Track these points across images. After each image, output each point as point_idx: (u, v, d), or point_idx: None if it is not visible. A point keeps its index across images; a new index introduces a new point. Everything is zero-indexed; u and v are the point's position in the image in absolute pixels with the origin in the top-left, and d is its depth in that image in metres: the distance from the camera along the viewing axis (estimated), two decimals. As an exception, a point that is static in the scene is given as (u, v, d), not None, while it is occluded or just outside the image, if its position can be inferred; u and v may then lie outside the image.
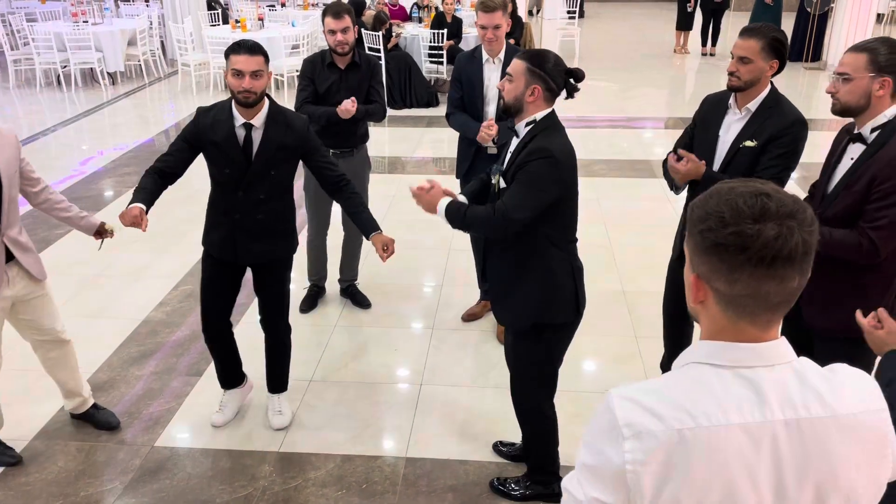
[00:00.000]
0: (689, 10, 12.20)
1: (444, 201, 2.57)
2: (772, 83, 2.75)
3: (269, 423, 3.40)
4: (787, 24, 11.88)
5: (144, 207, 2.85)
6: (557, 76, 2.49)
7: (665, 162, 2.93)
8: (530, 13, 13.04)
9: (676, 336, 3.30)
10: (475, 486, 3.04)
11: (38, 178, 3.10)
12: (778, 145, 2.65)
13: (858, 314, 1.92)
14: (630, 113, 8.90)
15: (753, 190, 1.07)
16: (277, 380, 3.44)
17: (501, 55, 3.68)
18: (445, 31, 9.21)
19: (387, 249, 2.99)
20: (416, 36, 9.61)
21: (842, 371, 1.15)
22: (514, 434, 3.19)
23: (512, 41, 5.93)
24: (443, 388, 3.69)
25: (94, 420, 3.38)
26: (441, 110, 9.16)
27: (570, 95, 2.54)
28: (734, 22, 12.66)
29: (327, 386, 3.73)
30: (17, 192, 2.96)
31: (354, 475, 3.11)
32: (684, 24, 12.33)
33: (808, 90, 10.18)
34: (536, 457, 2.96)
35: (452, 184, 4.13)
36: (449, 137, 8.04)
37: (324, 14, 3.91)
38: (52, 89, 10.26)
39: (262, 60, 2.84)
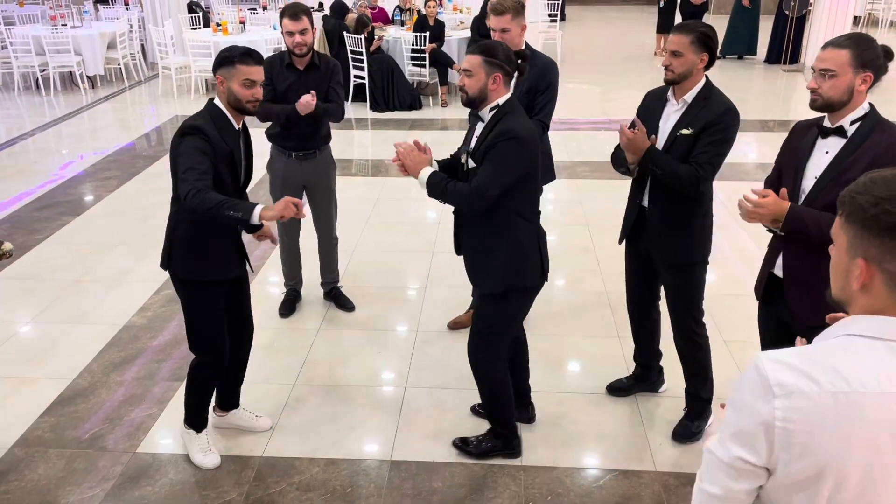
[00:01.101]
0: (660, 5, 12.27)
1: (428, 170, 2.82)
2: (706, 77, 2.94)
3: (253, 430, 3.38)
4: (766, 27, 12.01)
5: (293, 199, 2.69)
6: (509, 61, 2.76)
7: (614, 154, 3.14)
8: (512, 16, 13.10)
9: (645, 324, 3.49)
10: (461, 488, 3.04)
11: None
12: (711, 133, 2.83)
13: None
14: (612, 115, 8.94)
15: None
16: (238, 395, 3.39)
17: None
18: (428, 34, 9.22)
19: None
20: (399, 39, 9.61)
21: None
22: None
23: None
24: (428, 391, 3.69)
25: None
26: (424, 113, 9.17)
27: (521, 74, 2.85)
28: (713, 24, 12.73)
29: (311, 390, 3.71)
30: None
31: (339, 479, 3.10)
32: (665, 27, 12.42)
33: (786, 92, 10.28)
34: (491, 413, 3.20)
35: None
36: (432, 140, 8.03)
37: (281, 15, 3.88)
38: (30, 93, 10.15)
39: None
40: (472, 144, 2.83)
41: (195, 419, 3.17)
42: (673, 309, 3.19)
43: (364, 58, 9.12)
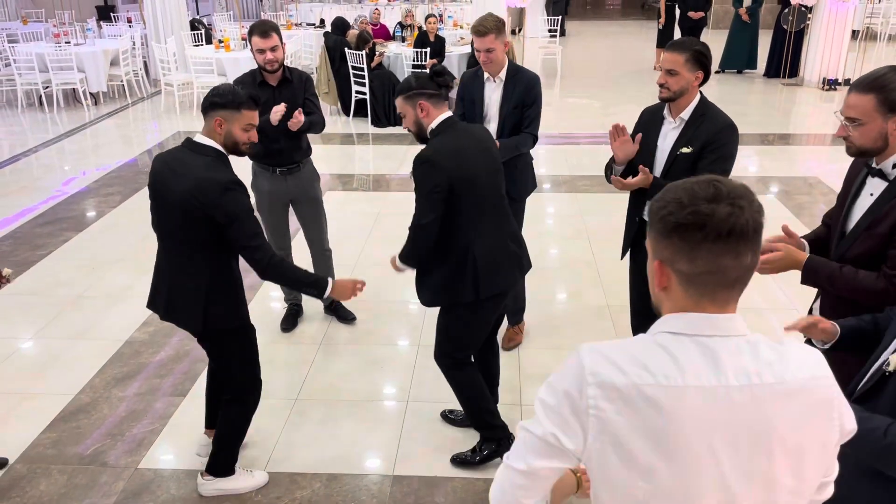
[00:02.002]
0: (660, 27, 12.36)
1: (397, 256, 2.95)
2: (701, 93, 2.94)
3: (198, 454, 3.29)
4: (765, 42, 12.08)
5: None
6: (428, 84, 2.81)
7: (608, 168, 3.19)
8: (513, 32, 13.16)
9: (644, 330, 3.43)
10: (463, 502, 3.03)
11: None
12: (712, 150, 2.83)
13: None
14: (612, 129, 8.97)
15: (706, 178, 1.21)
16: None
17: (503, 74, 3.71)
18: (429, 49, 9.28)
19: None
20: (400, 54, 9.67)
21: (790, 344, 1.26)
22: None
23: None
24: (430, 405, 3.68)
25: None
26: (425, 128, 9.19)
27: (448, 89, 2.85)
28: (712, 39, 12.82)
29: (313, 405, 3.71)
30: None
31: (341, 494, 3.09)
32: (664, 42, 12.49)
33: (786, 105, 10.32)
34: (471, 418, 3.22)
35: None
36: (433, 155, 8.08)
37: (250, 34, 3.90)
38: (33, 110, 10.21)
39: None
40: None
41: (230, 462, 3.07)
42: None
43: (365, 73, 9.17)
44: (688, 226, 1.17)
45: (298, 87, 4.02)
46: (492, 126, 3.77)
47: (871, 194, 2.25)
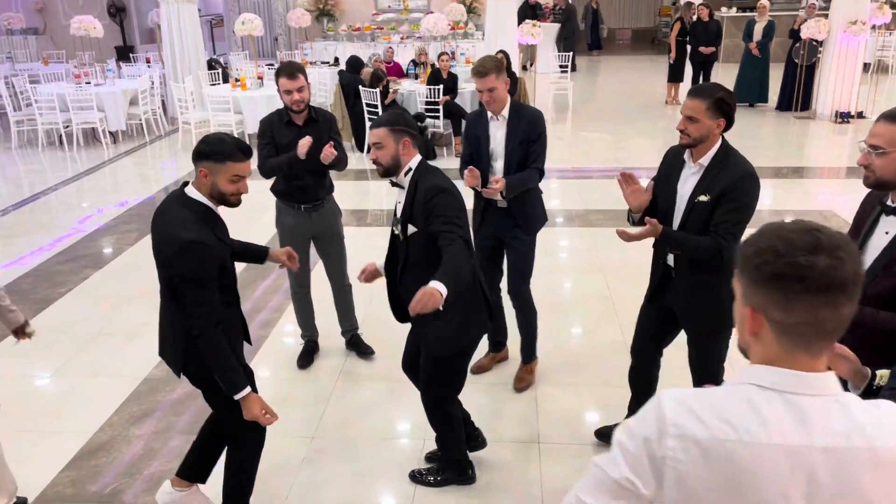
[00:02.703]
0: (671, 62, 12.46)
1: (437, 283, 2.55)
2: (723, 138, 2.86)
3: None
4: (776, 75, 12.14)
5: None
6: (414, 125, 2.92)
7: (628, 216, 3.19)
8: (524, 68, 13.32)
9: (643, 377, 3.44)
10: (481, 543, 3.00)
11: None
12: (728, 199, 2.76)
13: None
14: (624, 163, 9.02)
15: (804, 226, 1.17)
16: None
17: (505, 112, 3.75)
18: (441, 86, 9.40)
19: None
20: (413, 92, 9.80)
21: (885, 406, 1.20)
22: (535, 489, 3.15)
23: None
24: (446, 443, 3.66)
25: None
26: (438, 163, 9.26)
27: (422, 136, 2.91)
28: (723, 73, 12.94)
29: (330, 442, 3.70)
30: None
31: (358, 534, 3.07)
32: (675, 76, 12.59)
33: (799, 138, 10.34)
34: (451, 451, 3.31)
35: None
36: (447, 190, 8.14)
37: (277, 75, 3.98)
38: (54, 149, 10.40)
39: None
40: (399, 213, 2.97)
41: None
42: (695, 369, 3.17)
43: (379, 110, 9.29)
44: (785, 277, 1.14)
45: (324, 127, 4.11)
46: (498, 163, 3.80)
47: (887, 232, 2.24)
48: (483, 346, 4.36)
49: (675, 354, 3.35)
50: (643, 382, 3.42)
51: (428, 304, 2.49)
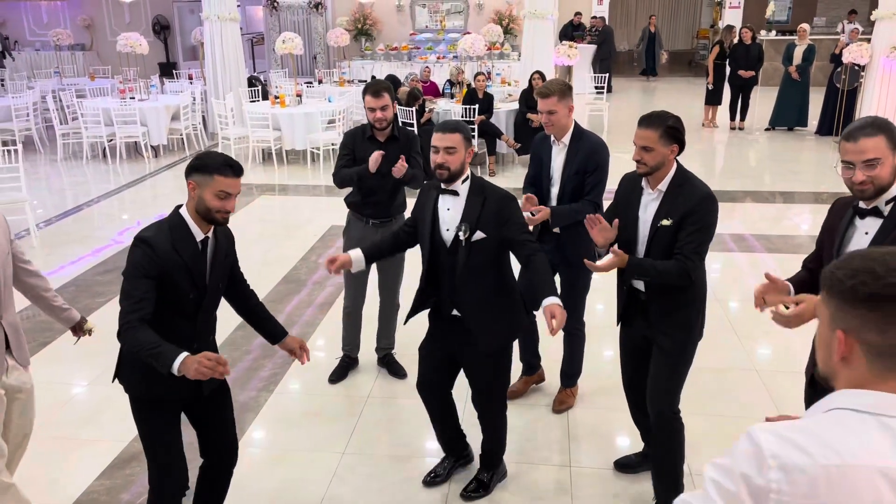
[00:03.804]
0: (709, 87, 12.36)
1: (554, 299, 2.88)
2: (677, 162, 2.91)
3: None
4: (816, 100, 11.99)
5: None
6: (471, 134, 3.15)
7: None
8: (559, 88, 13.36)
9: (643, 409, 3.25)
10: (510, 566, 2.97)
11: (29, 260, 3.09)
12: (691, 221, 2.81)
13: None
14: (660, 186, 8.94)
15: (893, 251, 1.21)
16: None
17: (566, 139, 3.70)
18: (477, 106, 9.45)
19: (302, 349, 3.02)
20: (449, 111, 9.87)
21: None
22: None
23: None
24: (477, 462, 3.64)
25: None
26: (472, 183, 9.30)
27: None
28: (762, 96, 12.81)
29: (360, 459, 3.70)
30: (11, 274, 2.90)
31: (387, 552, 3.06)
32: (713, 99, 12.49)
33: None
34: (503, 446, 3.47)
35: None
36: (480, 209, 8.14)
37: (364, 92, 4.08)
38: (97, 161, 10.65)
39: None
40: (461, 218, 3.04)
41: None
42: (654, 390, 3.11)
43: (415, 129, 9.36)
44: (884, 297, 1.16)
45: (404, 145, 4.18)
46: (554, 189, 3.77)
47: (867, 233, 2.39)
48: (516, 371, 4.34)
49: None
50: (645, 415, 3.28)
51: (564, 321, 2.80)
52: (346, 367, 4.51)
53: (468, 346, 3.16)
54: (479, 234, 3.01)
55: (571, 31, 16.14)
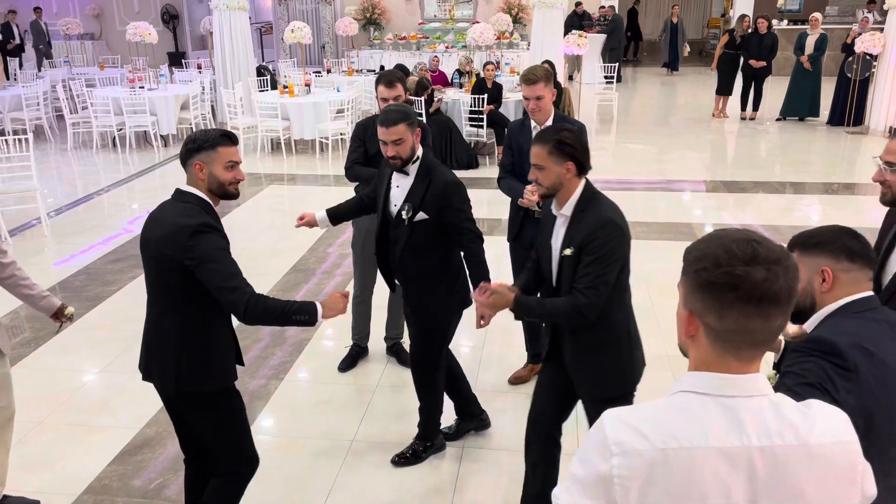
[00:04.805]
0: (712, 69, 12.26)
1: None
2: (587, 182, 2.61)
3: None
4: (827, 89, 11.90)
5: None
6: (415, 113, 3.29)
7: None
8: (570, 78, 13.29)
9: (541, 463, 2.94)
10: (518, 553, 2.99)
11: (5, 251, 3.07)
12: (587, 251, 2.50)
13: None
14: (668, 175, 8.92)
15: (745, 236, 1.21)
16: None
17: (549, 123, 3.75)
18: (486, 95, 9.43)
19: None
20: (458, 100, 9.85)
21: (816, 406, 1.26)
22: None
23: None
24: (486, 452, 3.66)
25: None
26: (481, 172, 9.30)
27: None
28: (773, 86, 12.71)
29: (370, 447, 3.72)
30: None
31: (396, 539, 3.08)
32: (723, 88, 12.42)
33: (850, 154, 10.11)
34: (429, 425, 3.61)
35: (503, 246, 4.21)
36: (489, 198, 8.14)
37: (377, 83, 4.07)
38: (107, 150, 10.69)
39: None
40: (405, 198, 3.21)
41: None
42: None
43: (424, 119, 9.35)
44: (720, 285, 1.18)
45: None
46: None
47: None
48: (521, 358, 4.36)
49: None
50: (538, 460, 2.92)
51: (489, 313, 2.77)
52: (355, 355, 4.53)
53: (407, 319, 3.42)
54: (421, 215, 3.17)
55: (578, 21, 16.05)
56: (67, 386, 4.31)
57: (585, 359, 2.69)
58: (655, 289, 5.49)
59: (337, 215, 3.58)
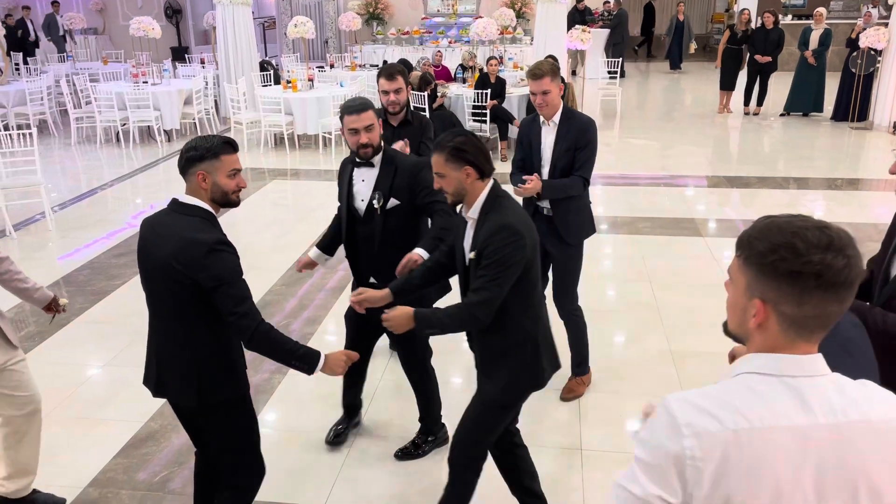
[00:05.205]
0: (717, 68, 12.24)
1: (420, 250, 3.03)
2: (494, 185, 2.60)
3: None
4: (832, 85, 11.87)
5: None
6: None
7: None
8: (573, 73, 13.27)
9: (508, 463, 3.05)
10: (521, 547, 3.00)
11: None
12: (485, 255, 2.49)
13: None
14: (672, 171, 8.91)
15: (814, 223, 1.22)
16: None
17: (556, 118, 3.74)
18: (489, 90, 9.42)
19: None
20: (461, 96, 9.85)
21: (871, 385, 1.29)
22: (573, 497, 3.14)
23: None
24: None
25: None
26: (484, 168, 9.30)
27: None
28: (778, 81, 12.67)
29: (372, 441, 3.74)
30: None
31: (399, 532, 3.10)
32: (726, 84, 12.38)
33: (854, 150, 10.08)
34: (429, 417, 3.66)
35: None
36: (492, 194, 8.14)
37: (378, 76, 4.09)
38: (111, 145, 10.71)
39: None
40: (373, 187, 3.22)
41: None
42: (458, 435, 2.88)
43: (427, 114, 9.34)
44: (804, 275, 1.19)
45: (417, 131, 4.19)
46: (545, 169, 3.80)
47: None
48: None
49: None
50: (508, 464, 3.03)
51: (410, 266, 2.90)
52: (358, 350, 4.54)
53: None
54: (393, 202, 3.19)
55: (580, 17, 16.01)
56: (72, 380, 4.33)
57: (490, 364, 2.72)
58: (658, 284, 5.50)
59: (329, 245, 3.57)
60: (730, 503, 1.19)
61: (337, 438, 3.69)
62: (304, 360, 2.50)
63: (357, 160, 3.23)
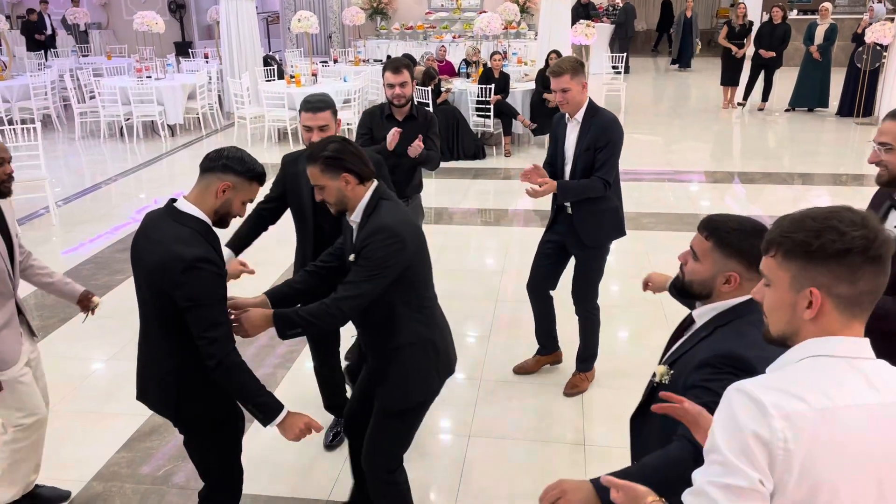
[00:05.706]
0: (735, 55, 12.04)
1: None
2: (375, 190, 2.50)
3: None
4: (837, 80, 11.82)
5: None
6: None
7: None
8: (576, 68, 13.21)
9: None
10: (524, 542, 3.00)
11: (21, 244, 3.05)
12: (362, 255, 2.42)
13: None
14: (676, 166, 8.89)
15: (838, 207, 1.28)
16: None
17: (580, 116, 3.69)
18: (493, 86, 9.40)
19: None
20: (465, 91, 9.83)
21: None
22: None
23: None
24: (491, 440, 3.68)
25: (42, 498, 3.18)
26: (487, 163, 9.29)
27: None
28: (783, 76, 12.61)
29: (375, 435, 3.74)
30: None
31: (402, 527, 3.09)
32: (728, 79, 12.34)
33: (859, 145, 10.04)
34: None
35: (510, 235, 4.19)
36: (494, 189, 8.14)
37: (384, 69, 4.09)
38: (114, 140, 10.72)
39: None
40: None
41: None
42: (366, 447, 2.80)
43: (431, 109, 9.33)
44: (853, 250, 1.23)
45: (422, 124, 4.18)
46: (567, 167, 3.77)
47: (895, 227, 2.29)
48: (531, 348, 4.36)
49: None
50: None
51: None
52: (361, 345, 4.54)
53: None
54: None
55: (584, 12, 15.96)
56: (76, 374, 4.34)
57: (379, 364, 2.63)
58: (662, 280, 5.48)
59: (238, 245, 3.41)
60: (818, 490, 1.19)
61: (336, 440, 3.67)
62: (263, 409, 2.32)
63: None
